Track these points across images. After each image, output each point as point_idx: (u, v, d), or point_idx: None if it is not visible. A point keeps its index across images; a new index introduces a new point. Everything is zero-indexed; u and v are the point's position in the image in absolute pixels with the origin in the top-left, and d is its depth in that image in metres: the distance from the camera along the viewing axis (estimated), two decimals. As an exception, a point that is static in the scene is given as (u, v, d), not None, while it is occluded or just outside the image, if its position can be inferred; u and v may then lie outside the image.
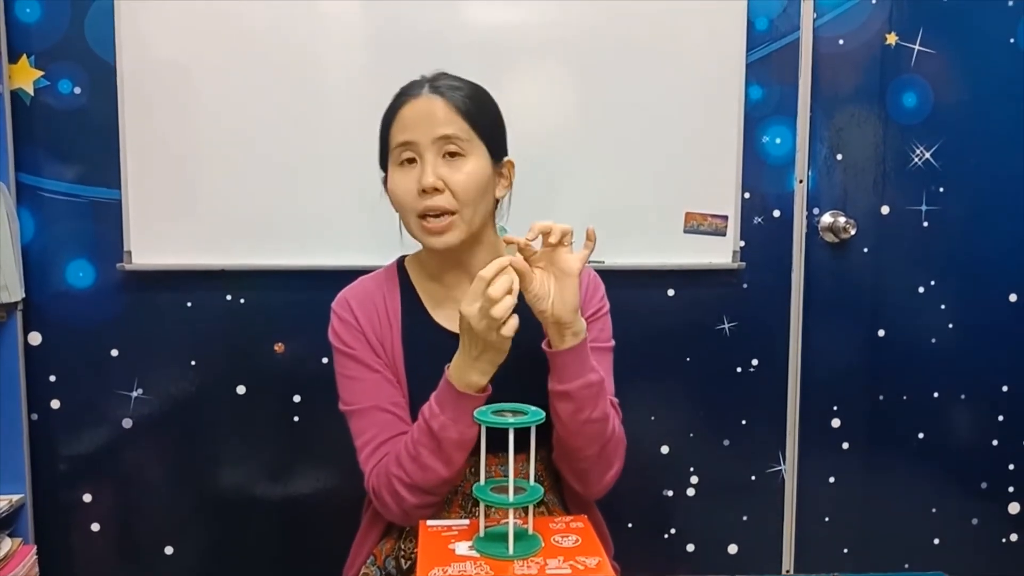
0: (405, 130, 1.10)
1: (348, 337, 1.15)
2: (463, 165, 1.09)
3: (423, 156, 1.09)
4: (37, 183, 1.74)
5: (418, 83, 1.13)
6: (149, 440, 1.81)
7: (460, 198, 1.09)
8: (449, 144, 1.09)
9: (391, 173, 1.13)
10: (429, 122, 1.09)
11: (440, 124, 1.08)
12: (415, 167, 1.10)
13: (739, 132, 1.81)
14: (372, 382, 1.14)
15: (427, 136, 1.08)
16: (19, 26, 1.70)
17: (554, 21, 1.75)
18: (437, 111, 1.09)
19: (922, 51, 1.86)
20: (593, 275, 1.22)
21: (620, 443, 1.13)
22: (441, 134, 1.08)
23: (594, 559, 0.89)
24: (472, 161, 1.10)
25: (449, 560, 0.89)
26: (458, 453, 1.03)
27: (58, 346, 1.78)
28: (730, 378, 1.90)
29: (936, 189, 1.89)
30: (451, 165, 1.09)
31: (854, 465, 1.94)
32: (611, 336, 1.20)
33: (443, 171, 1.09)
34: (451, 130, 1.09)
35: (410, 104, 1.10)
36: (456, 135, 1.09)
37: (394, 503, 1.08)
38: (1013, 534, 1.99)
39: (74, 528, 1.82)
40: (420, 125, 1.09)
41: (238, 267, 1.75)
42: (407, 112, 1.10)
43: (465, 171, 1.09)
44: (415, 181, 1.09)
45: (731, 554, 1.95)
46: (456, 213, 1.09)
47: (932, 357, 1.93)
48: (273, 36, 1.71)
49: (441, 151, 1.09)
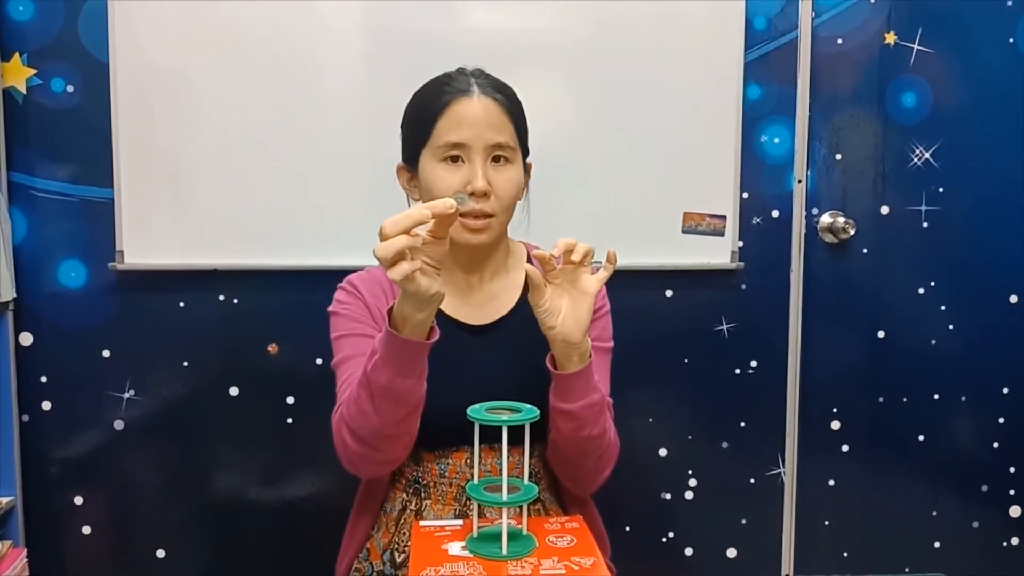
0: (458, 129, 1.08)
1: (348, 302, 1.16)
2: (507, 171, 1.11)
3: (473, 159, 1.09)
4: (29, 182, 1.72)
5: (463, 79, 1.12)
6: (141, 442, 1.79)
7: (502, 202, 1.10)
8: (499, 150, 1.10)
9: (432, 167, 1.11)
10: (483, 126, 1.08)
11: (495, 130, 1.09)
12: (461, 166, 1.09)
13: (737, 132, 1.80)
14: (361, 336, 1.12)
15: (481, 141, 1.08)
16: (12, 24, 1.69)
17: (552, 23, 1.74)
18: (492, 116, 1.09)
19: (921, 51, 1.85)
20: None
21: (615, 449, 1.14)
22: (495, 141, 1.09)
23: (589, 559, 0.87)
24: (514, 168, 1.12)
25: (442, 560, 0.88)
26: (388, 403, 0.98)
27: (49, 347, 1.76)
28: (729, 380, 1.89)
29: (936, 189, 1.88)
30: (497, 170, 1.10)
31: (854, 468, 1.93)
32: (611, 336, 1.21)
33: (491, 175, 1.09)
34: (503, 138, 1.10)
35: (463, 103, 1.09)
36: (507, 142, 1.10)
37: (341, 447, 1.06)
38: (1014, 537, 1.97)
39: (65, 531, 1.80)
40: (474, 128, 1.08)
41: (231, 267, 1.74)
42: (460, 111, 1.09)
43: (509, 177, 1.11)
44: (461, 180, 1.09)
45: (730, 558, 1.93)
46: (494, 216, 1.10)
47: (932, 359, 1.92)
48: (268, 35, 1.70)
49: (490, 156, 1.09)
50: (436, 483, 1.16)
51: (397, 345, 0.95)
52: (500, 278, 1.20)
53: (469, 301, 1.18)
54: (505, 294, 1.19)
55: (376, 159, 1.67)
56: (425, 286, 0.90)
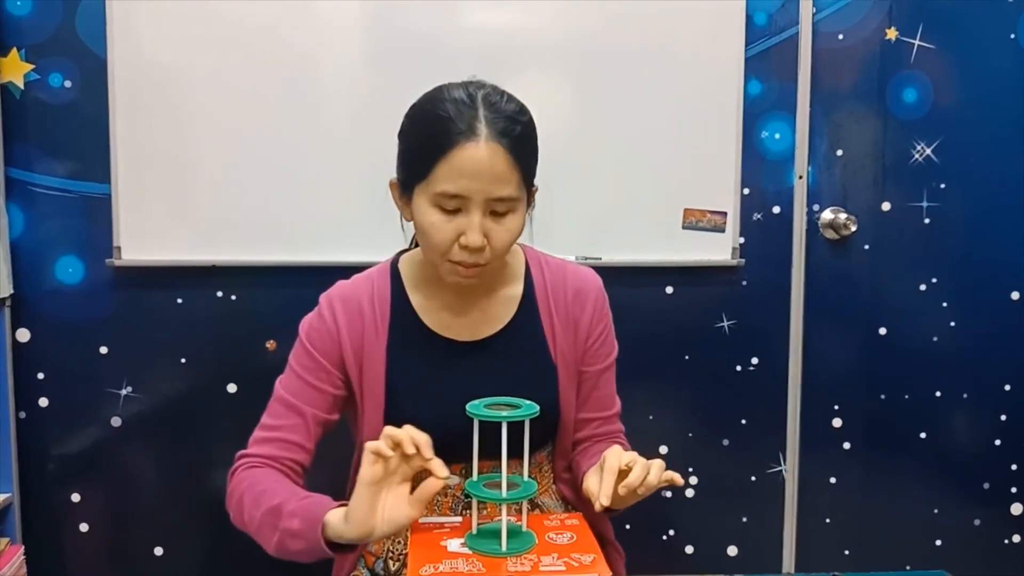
0: (458, 179, 0.99)
1: (315, 336, 1.13)
2: (508, 222, 1.04)
3: (471, 210, 1.01)
4: (26, 177, 1.72)
5: (470, 113, 1.00)
6: (139, 439, 1.79)
7: (498, 253, 1.04)
8: (501, 204, 1.02)
9: (425, 209, 1.03)
10: (486, 179, 0.99)
11: (498, 183, 1.00)
12: (457, 216, 1.02)
13: (738, 128, 1.79)
14: (310, 386, 1.12)
15: (481, 195, 1.00)
16: (10, 19, 1.68)
17: (552, 20, 1.73)
18: (497, 167, 0.99)
19: (922, 46, 1.84)
20: (599, 286, 1.19)
21: None
22: (497, 195, 1.00)
23: (589, 556, 0.87)
24: (517, 216, 1.04)
25: (441, 557, 0.87)
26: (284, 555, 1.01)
27: (47, 343, 1.75)
28: (729, 377, 1.88)
29: (937, 185, 1.87)
30: (497, 221, 1.03)
31: (855, 465, 1.92)
32: (614, 347, 1.20)
33: (489, 227, 1.02)
34: (507, 191, 1.01)
35: (467, 150, 0.98)
36: (511, 196, 1.02)
37: (229, 504, 1.11)
38: (1016, 535, 1.96)
39: (62, 528, 1.79)
40: (476, 180, 0.99)
41: (229, 263, 1.73)
42: (463, 160, 0.98)
43: (509, 228, 1.04)
44: (455, 231, 1.01)
45: (731, 555, 1.92)
46: (488, 264, 1.05)
47: (934, 356, 1.91)
48: (266, 31, 1.69)
49: (489, 208, 1.02)
50: None
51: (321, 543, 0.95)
52: (495, 293, 1.15)
53: (459, 316, 1.14)
54: (499, 308, 1.15)
55: (374, 156, 1.64)
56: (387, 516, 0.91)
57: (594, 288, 1.17)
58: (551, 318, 1.15)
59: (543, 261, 1.19)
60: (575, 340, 1.16)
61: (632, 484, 0.91)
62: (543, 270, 1.17)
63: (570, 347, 1.15)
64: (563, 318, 1.15)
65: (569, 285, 1.16)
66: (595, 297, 1.17)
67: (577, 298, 1.16)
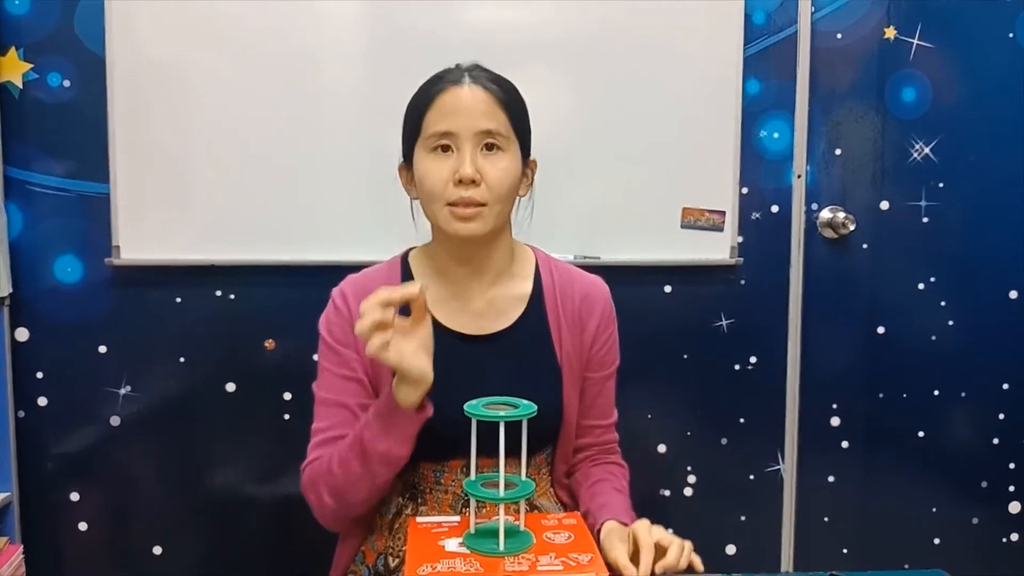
0: (445, 119, 1.06)
1: (335, 328, 1.15)
2: (500, 160, 1.07)
3: (462, 147, 1.06)
4: (25, 177, 1.72)
5: (456, 71, 1.10)
6: (138, 438, 1.79)
7: (494, 192, 1.07)
8: (490, 138, 1.07)
9: (422, 159, 1.09)
10: (472, 113, 1.06)
11: (483, 117, 1.06)
12: (450, 156, 1.07)
13: (736, 127, 1.79)
14: (343, 378, 1.14)
15: (469, 128, 1.06)
16: (8, 18, 1.68)
17: (551, 19, 1.73)
18: (480, 103, 1.06)
19: (921, 45, 1.84)
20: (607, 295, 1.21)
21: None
22: (484, 128, 1.06)
23: (586, 555, 0.87)
24: (508, 157, 1.08)
25: (439, 557, 0.87)
26: (383, 468, 1.03)
27: (45, 342, 1.75)
28: (728, 376, 1.88)
29: (936, 185, 1.87)
30: (488, 159, 1.07)
31: (853, 464, 1.92)
32: (617, 355, 1.22)
33: (481, 163, 1.06)
34: (493, 124, 1.07)
35: (451, 92, 1.07)
36: (497, 130, 1.07)
37: (316, 501, 1.10)
38: (1014, 533, 1.97)
39: (61, 527, 1.79)
40: (462, 115, 1.06)
41: (228, 263, 1.73)
42: (448, 100, 1.07)
43: (501, 166, 1.07)
44: (450, 170, 1.06)
45: (729, 554, 1.93)
46: (486, 206, 1.07)
47: (932, 355, 1.91)
48: (265, 30, 1.69)
49: (480, 144, 1.07)
50: (432, 489, 1.15)
51: (396, 416, 0.99)
52: (502, 285, 1.16)
53: (468, 309, 1.15)
54: (508, 304, 1.16)
55: (374, 154, 1.66)
56: (408, 364, 0.95)
57: (603, 296, 1.20)
58: (558, 320, 1.16)
59: (552, 264, 1.20)
60: (581, 344, 1.17)
61: (671, 564, 0.96)
62: (552, 273, 1.19)
63: (576, 351, 1.16)
64: (570, 321, 1.16)
65: (577, 290, 1.18)
66: (604, 304, 1.19)
67: (585, 303, 1.18)
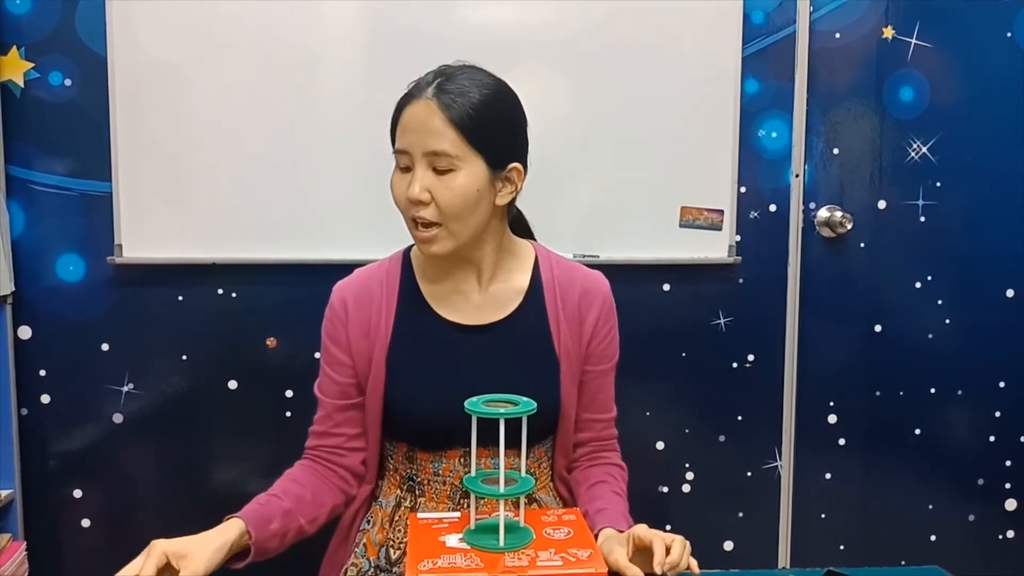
0: (403, 135, 1.08)
1: (328, 326, 1.19)
2: (452, 180, 1.06)
3: (415, 165, 1.07)
4: (27, 176, 1.72)
5: (424, 82, 1.08)
6: (140, 435, 1.80)
7: (445, 212, 1.07)
8: (438, 159, 1.06)
9: (393, 172, 1.12)
10: (421, 133, 1.06)
11: (431, 138, 1.05)
12: (409, 172, 1.08)
13: (735, 126, 1.80)
14: (328, 375, 1.19)
15: (418, 147, 1.06)
16: (9, 17, 1.69)
17: (550, 18, 1.74)
18: (431, 122, 1.05)
19: (919, 45, 1.85)
20: (607, 290, 1.21)
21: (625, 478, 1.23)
22: (431, 148, 1.05)
23: (586, 551, 0.88)
24: (462, 175, 1.06)
25: (439, 552, 0.88)
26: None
27: (48, 340, 1.76)
28: (726, 374, 1.89)
29: (933, 184, 1.88)
30: (440, 179, 1.06)
31: (850, 461, 1.94)
32: (617, 350, 1.23)
33: (431, 182, 1.06)
34: (441, 146, 1.05)
35: (410, 108, 1.07)
36: (445, 151, 1.05)
37: None
38: (1010, 530, 1.98)
39: (64, 524, 1.80)
40: (413, 134, 1.06)
41: (230, 261, 1.74)
42: (406, 116, 1.08)
43: (452, 186, 1.06)
44: (407, 187, 1.08)
45: (727, 550, 1.94)
46: (442, 225, 1.08)
47: (929, 353, 1.92)
48: (266, 29, 1.70)
49: (431, 164, 1.06)
50: (430, 481, 1.16)
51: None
52: (501, 279, 1.18)
53: (468, 302, 1.17)
54: (506, 297, 1.17)
55: (374, 154, 1.64)
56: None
57: (603, 290, 1.21)
58: (557, 313, 1.16)
59: (553, 259, 1.21)
60: (580, 338, 1.18)
61: (675, 561, 0.95)
62: (552, 267, 1.20)
63: (575, 344, 1.17)
64: (569, 315, 1.17)
65: (577, 284, 1.19)
66: (603, 299, 1.20)
67: (585, 298, 1.18)
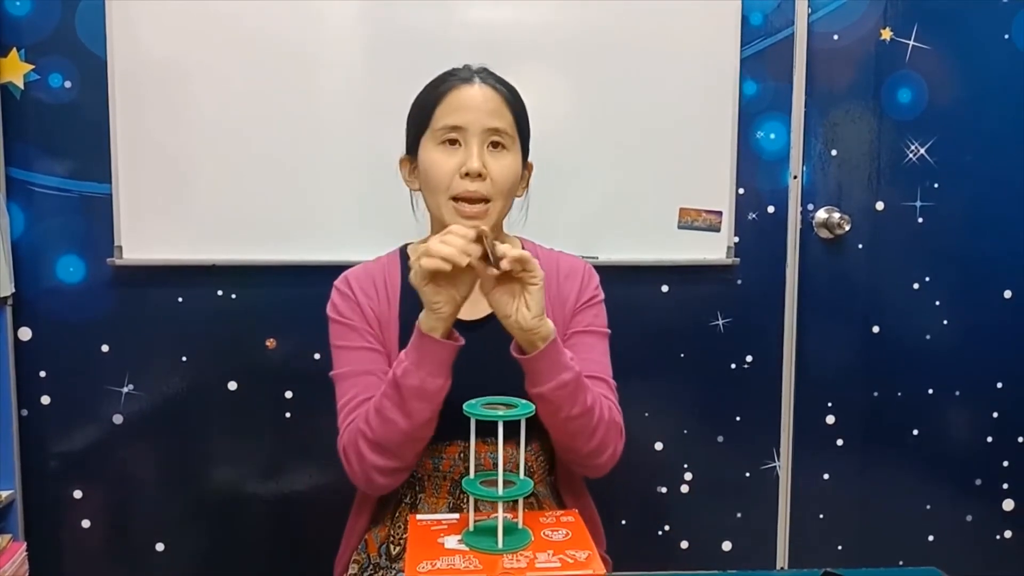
0: (455, 113, 1.12)
1: (344, 309, 1.18)
2: (504, 158, 1.14)
3: (469, 142, 1.12)
4: (27, 177, 1.73)
5: (466, 70, 1.16)
6: (140, 436, 1.80)
7: (498, 188, 1.13)
8: (496, 136, 1.13)
9: (429, 151, 1.14)
10: (481, 111, 1.12)
11: (492, 115, 1.12)
12: (457, 150, 1.12)
13: (733, 128, 1.80)
14: (362, 350, 1.16)
15: (478, 124, 1.11)
16: (9, 19, 1.69)
17: (549, 20, 1.74)
18: (490, 101, 1.13)
19: (917, 47, 1.85)
20: (588, 267, 1.25)
21: (611, 428, 1.12)
22: (492, 125, 1.12)
23: (584, 552, 0.88)
24: (512, 156, 1.15)
25: (438, 554, 0.89)
26: (418, 403, 1.03)
27: (48, 341, 1.76)
28: (724, 374, 1.90)
29: (931, 185, 1.89)
30: (494, 156, 1.13)
31: (848, 462, 1.94)
32: (606, 323, 1.23)
33: (487, 159, 1.12)
34: (501, 123, 1.13)
35: (462, 89, 1.13)
36: (504, 129, 1.13)
37: (357, 461, 1.09)
38: (1007, 531, 1.98)
39: (64, 525, 1.81)
40: (472, 111, 1.12)
41: (229, 262, 1.74)
42: (459, 96, 1.13)
43: (505, 163, 1.13)
44: (456, 163, 1.11)
45: (725, 551, 1.94)
46: (491, 201, 1.13)
47: (927, 354, 1.93)
48: (266, 30, 1.70)
49: (487, 141, 1.12)
50: (430, 476, 1.17)
51: (428, 346, 1.01)
52: None
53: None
54: None
55: (374, 154, 1.67)
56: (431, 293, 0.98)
57: (582, 267, 1.24)
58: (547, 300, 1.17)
59: (538, 250, 1.24)
60: (564, 315, 1.19)
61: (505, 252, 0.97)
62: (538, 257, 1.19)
63: (561, 326, 1.18)
64: (554, 299, 1.19)
65: (562, 270, 1.22)
66: (583, 273, 1.23)
67: (567, 280, 1.22)
